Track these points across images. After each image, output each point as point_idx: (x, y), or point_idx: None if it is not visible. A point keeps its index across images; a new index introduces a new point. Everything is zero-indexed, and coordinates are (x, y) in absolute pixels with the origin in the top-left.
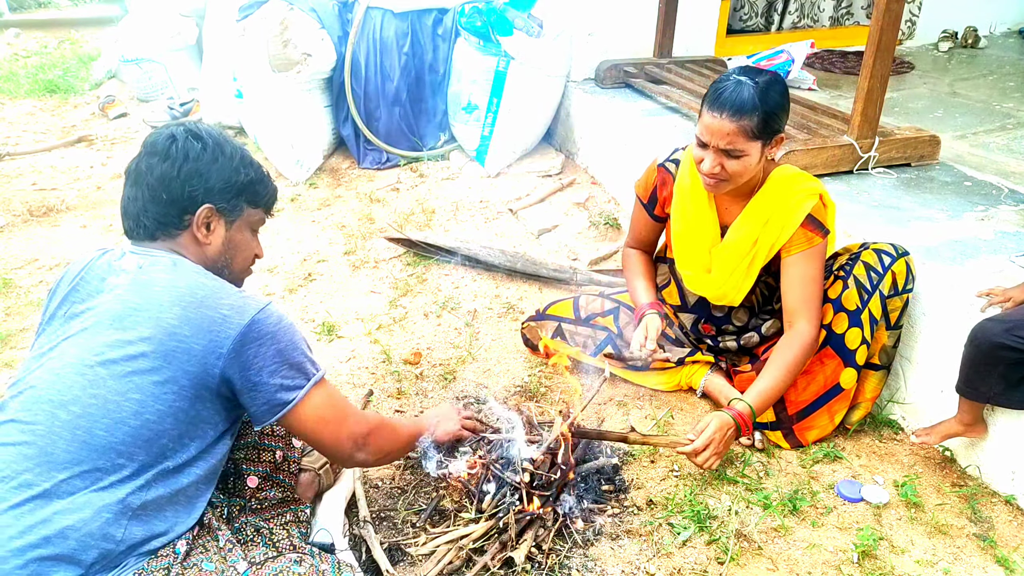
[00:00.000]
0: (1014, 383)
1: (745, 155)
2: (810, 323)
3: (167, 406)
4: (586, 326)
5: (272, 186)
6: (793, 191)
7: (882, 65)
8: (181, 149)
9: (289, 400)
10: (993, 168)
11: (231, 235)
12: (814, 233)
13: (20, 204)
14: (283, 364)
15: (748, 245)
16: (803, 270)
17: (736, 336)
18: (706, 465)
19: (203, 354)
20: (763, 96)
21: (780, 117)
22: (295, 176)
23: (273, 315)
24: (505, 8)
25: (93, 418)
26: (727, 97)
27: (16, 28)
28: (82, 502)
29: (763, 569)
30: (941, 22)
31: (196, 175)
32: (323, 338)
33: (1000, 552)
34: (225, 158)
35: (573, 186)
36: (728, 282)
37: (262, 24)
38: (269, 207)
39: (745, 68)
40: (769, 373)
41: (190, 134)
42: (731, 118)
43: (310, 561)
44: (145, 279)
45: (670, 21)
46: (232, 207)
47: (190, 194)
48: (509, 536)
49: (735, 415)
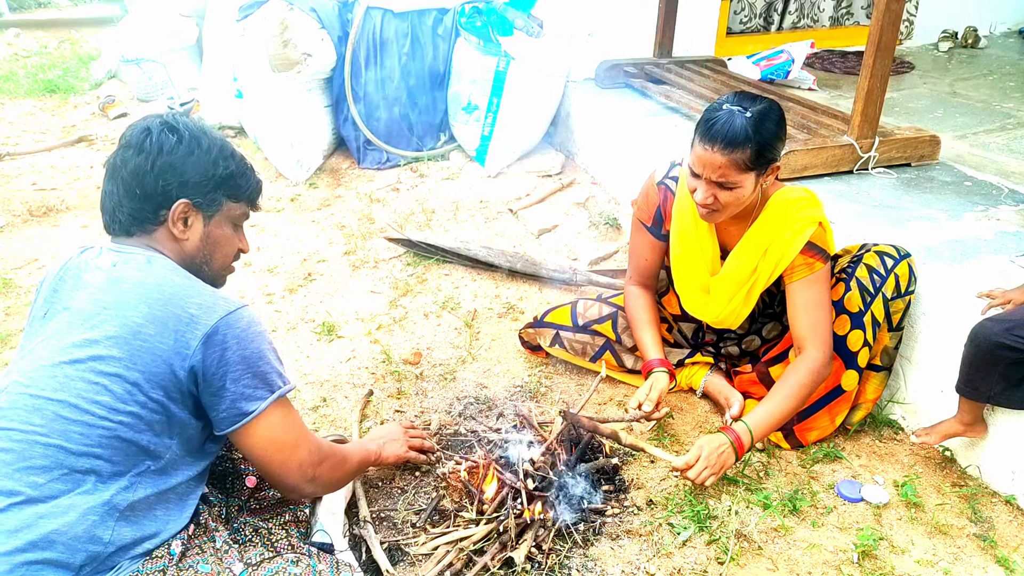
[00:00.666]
0: (1014, 383)
1: (739, 187)
2: (819, 348)
3: (139, 407)
4: (584, 333)
5: (254, 179)
6: (792, 219)
7: (882, 65)
8: (155, 142)
9: (249, 411)
10: (993, 168)
11: (209, 230)
12: (815, 259)
13: (20, 204)
14: (247, 371)
15: (747, 274)
16: (808, 296)
17: (737, 341)
18: (699, 479)
19: (169, 354)
20: (756, 127)
21: (775, 147)
22: (295, 176)
23: (243, 319)
24: (505, 8)
25: (67, 421)
26: (719, 129)
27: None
28: (66, 505)
29: (763, 569)
30: (941, 22)
31: (170, 169)
32: (323, 338)
33: (1000, 552)
34: (202, 151)
35: (573, 186)
36: (726, 309)
37: (262, 24)
38: (252, 201)
39: (740, 96)
40: (775, 397)
41: (165, 126)
42: (723, 151)
43: (307, 561)
44: (117, 276)
45: (670, 21)
46: (210, 202)
47: (164, 189)
48: (509, 536)
49: (733, 438)
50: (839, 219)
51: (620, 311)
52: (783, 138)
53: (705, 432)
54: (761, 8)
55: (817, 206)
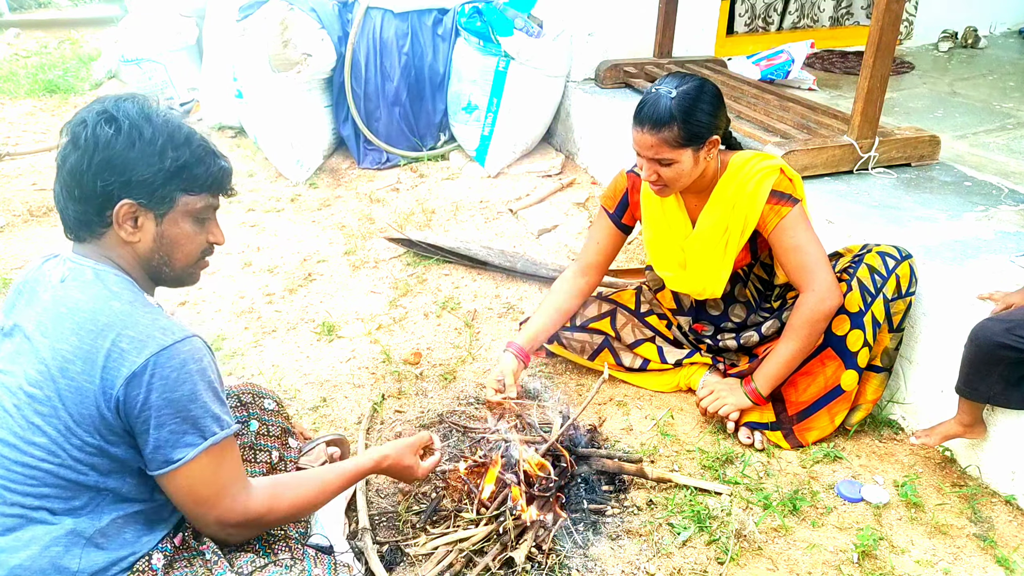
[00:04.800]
0: (1014, 383)
1: (676, 162)
2: (809, 288)
3: (76, 450)
4: (583, 332)
5: (217, 165)
6: (752, 171)
7: (882, 65)
8: (91, 136)
9: (175, 459)
10: (993, 168)
11: (164, 230)
12: (780, 204)
13: (20, 204)
14: (175, 416)
15: (719, 232)
16: (784, 242)
17: (736, 335)
18: (712, 406)
19: (96, 395)
20: (681, 106)
21: (705, 123)
22: (295, 176)
23: (178, 356)
24: (505, 8)
25: (8, 460)
26: (646, 112)
27: (16, 28)
28: (27, 538)
29: (763, 569)
30: (941, 22)
31: (108, 166)
32: (323, 338)
33: (1000, 552)
34: (144, 142)
35: (573, 186)
36: (705, 273)
37: (262, 24)
38: (216, 190)
39: (671, 76)
40: (779, 345)
41: (103, 116)
42: (651, 131)
43: (302, 566)
44: (60, 296)
45: (670, 21)
46: (160, 199)
47: (104, 189)
48: (509, 537)
49: (741, 377)
50: (839, 219)
51: (619, 308)
52: (716, 113)
53: (705, 432)
54: (762, 7)
55: (772, 158)
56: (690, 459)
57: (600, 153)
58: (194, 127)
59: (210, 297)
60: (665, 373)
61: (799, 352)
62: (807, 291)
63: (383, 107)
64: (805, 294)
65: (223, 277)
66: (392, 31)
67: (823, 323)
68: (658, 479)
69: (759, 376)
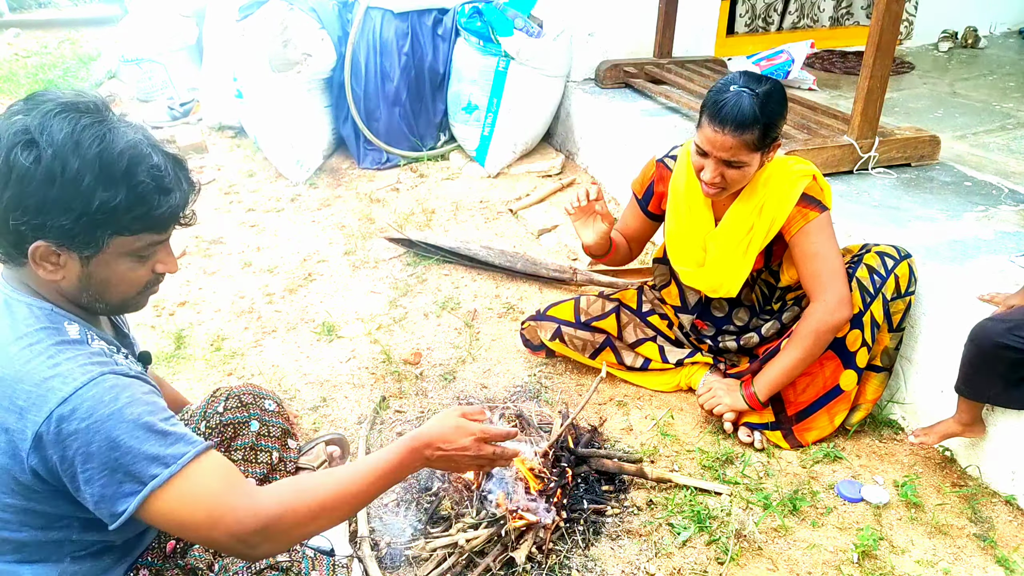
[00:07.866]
0: (1014, 383)
1: (747, 165)
2: (820, 299)
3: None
4: (586, 330)
5: (165, 204)
6: (786, 174)
7: (882, 65)
8: (4, 162)
9: (120, 511)
10: (993, 168)
11: (91, 271)
12: (809, 208)
13: None
14: (101, 469)
15: (744, 231)
16: (805, 247)
17: (736, 336)
18: (708, 404)
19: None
20: (763, 107)
21: (779, 125)
22: (295, 176)
23: (82, 406)
24: (505, 8)
25: None
26: (728, 111)
27: (16, 28)
28: None
29: (763, 569)
30: (941, 22)
31: (19, 205)
32: (323, 338)
33: (1000, 552)
34: (66, 180)
35: (573, 186)
36: (724, 270)
37: (262, 24)
38: (161, 229)
39: (745, 76)
40: (781, 353)
41: (23, 139)
42: (733, 133)
43: (299, 568)
44: None
45: (670, 21)
46: (84, 243)
47: (15, 228)
48: (509, 537)
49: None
50: (839, 219)
51: (622, 307)
52: (785, 116)
53: (705, 432)
54: (762, 7)
55: (806, 163)
56: (690, 459)
57: (600, 153)
58: (154, 145)
59: (210, 297)
60: (666, 372)
61: (801, 361)
62: (818, 300)
63: (383, 107)
64: (815, 303)
65: (223, 277)
66: (392, 31)
67: (829, 335)
68: (658, 479)
69: (759, 382)
